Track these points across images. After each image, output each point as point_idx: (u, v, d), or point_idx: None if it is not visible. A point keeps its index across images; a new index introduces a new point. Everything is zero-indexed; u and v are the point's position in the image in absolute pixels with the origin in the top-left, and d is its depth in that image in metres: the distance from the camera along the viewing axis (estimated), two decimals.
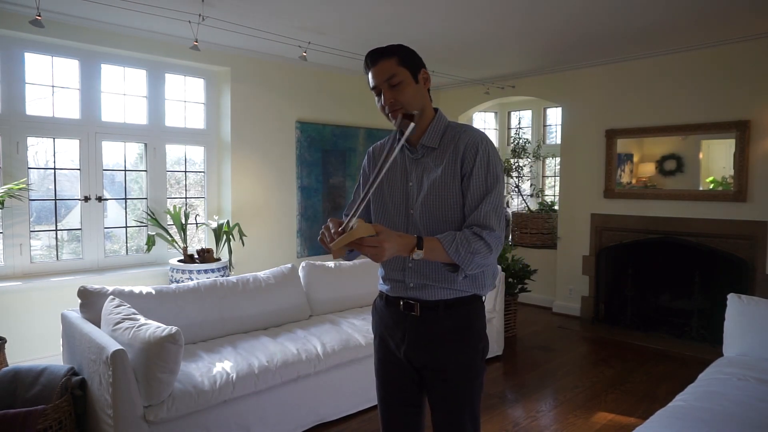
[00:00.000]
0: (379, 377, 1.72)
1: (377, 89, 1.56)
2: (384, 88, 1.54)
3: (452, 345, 1.56)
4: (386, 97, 1.54)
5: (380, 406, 1.73)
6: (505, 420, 3.16)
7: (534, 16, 3.76)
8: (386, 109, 1.56)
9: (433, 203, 1.56)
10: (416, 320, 1.57)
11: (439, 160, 1.58)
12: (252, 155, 4.85)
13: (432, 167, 1.58)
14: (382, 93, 1.55)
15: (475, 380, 1.59)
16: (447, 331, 1.55)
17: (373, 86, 1.57)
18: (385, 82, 1.53)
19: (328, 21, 3.88)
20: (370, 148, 1.80)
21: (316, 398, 2.97)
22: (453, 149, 1.56)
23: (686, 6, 3.53)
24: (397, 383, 1.67)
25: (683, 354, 4.35)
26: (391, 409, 1.70)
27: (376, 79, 1.54)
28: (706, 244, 4.53)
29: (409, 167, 1.63)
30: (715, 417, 2.07)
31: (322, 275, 3.77)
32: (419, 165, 1.61)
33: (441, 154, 1.58)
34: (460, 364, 1.57)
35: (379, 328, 1.70)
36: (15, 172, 3.74)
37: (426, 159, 1.60)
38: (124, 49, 4.11)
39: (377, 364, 1.73)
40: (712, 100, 4.46)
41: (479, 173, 1.52)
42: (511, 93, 5.84)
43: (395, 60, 1.54)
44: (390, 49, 1.56)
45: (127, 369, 2.30)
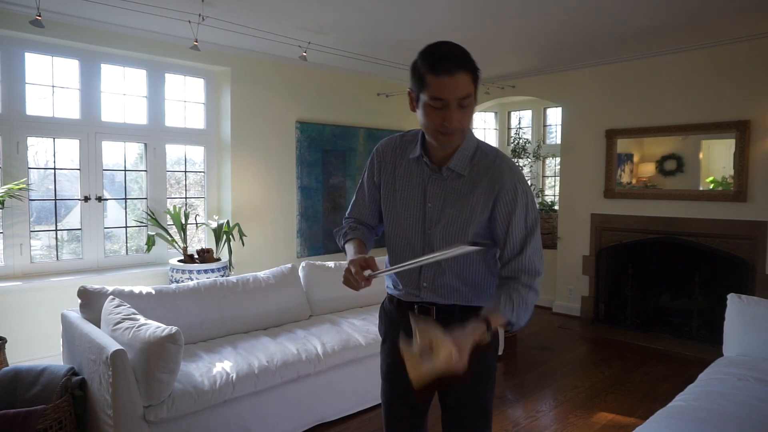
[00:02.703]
0: (388, 380, 1.69)
1: (442, 102, 1.33)
2: (454, 105, 1.33)
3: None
4: (455, 117, 1.34)
5: (386, 408, 1.71)
6: (505, 420, 3.16)
7: (534, 16, 3.76)
8: (444, 128, 1.36)
9: (457, 231, 1.49)
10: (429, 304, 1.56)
11: (468, 189, 1.47)
12: (252, 155, 4.85)
13: (458, 194, 1.48)
14: (450, 110, 1.33)
15: (489, 380, 1.61)
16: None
17: (439, 98, 1.32)
18: (458, 99, 1.33)
19: (328, 21, 3.88)
20: (379, 148, 1.63)
21: (316, 398, 2.97)
22: (487, 185, 1.46)
23: (686, 6, 3.53)
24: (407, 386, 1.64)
25: (683, 354, 4.35)
26: (399, 411, 1.68)
27: (451, 93, 1.31)
28: (706, 244, 4.53)
29: (428, 185, 1.50)
30: (715, 417, 2.07)
31: (322, 275, 3.77)
32: (442, 186, 1.50)
33: (471, 184, 1.48)
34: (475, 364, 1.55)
35: (390, 331, 1.66)
36: (15, 172, 3.74)
37: (451, 183, 1.49)
38: (124, 49, 4.11)
39: (387, 368, 1.68)
40: (712, 100, 4.46)
41: (520, 217, 1.45)
42: (511, 93, 5.84)
43: (471, 77, 1.35)
44: (470, 59, 1.34)
45: (127, 369, 2.30)
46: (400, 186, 1.55)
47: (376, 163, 1.61)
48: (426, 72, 1.34)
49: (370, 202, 1.64)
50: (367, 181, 1.65)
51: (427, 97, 1.35)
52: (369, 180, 1.64)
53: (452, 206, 1.48)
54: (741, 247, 4.35)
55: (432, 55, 1.36)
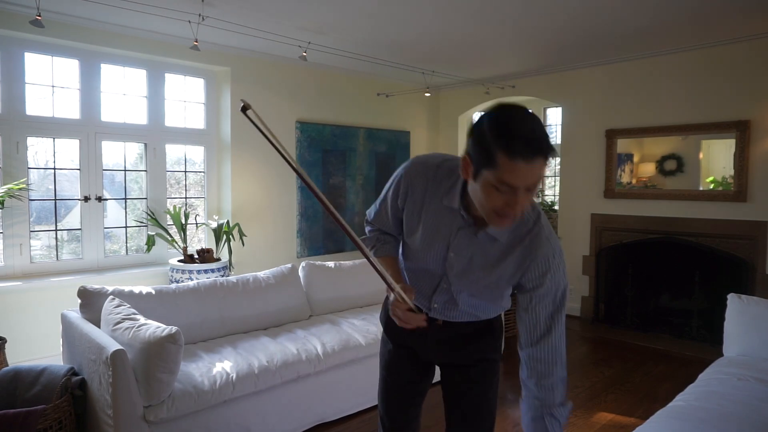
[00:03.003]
0: (388, 368, 1.71)
1: (510, 188, 1.16)
2: (522, 191, 1.18)
3: (476, 345, 1.58)
4: (522, 202, 1.20)
5: (387, 398, 1.72)
6: (505, 420, 3.16)
7: (534, 16, 3.76)
8: (504, 212, 1.22)
9: (480, 290, 1.45)
10: (439, 327, 1.56)
11: (499, 256, 1.38)
12: (252, 155, 4.85)
13: (487, 258, 1.39)
14: (518, 196, 1.18)
15: (495, 375, 1.64)
16: (471, 334, 1.58)
17: (509, 184, 1.15)
18: (527, 186, 1.17)
19: (328, 21, 3.88)
20: (411, 172, 1.45)
21: (316, 398, 2.97)
22: (520, 254, 1.37)
23: (686, 6, 3.53)
24: (410, 378, 1.68)
25: (683, 354, 4.35)
26: (400, 401, 1.71)
27: (523, 180, 1.15)
28: (706, 244, 4.53)
29: (457, 236, 1.39)
30: (715, 417, 2.07)
31: (322, 275, 3.77)
32: (471, 243, 1.38)
33: (504, 251, 1.38)
34: (482, 361, 1.60)
35: (395, 334, 1.65)
36: (15, 172, 3.74)
37: (483, 243, 1.38)
38: (124, 49, 4.11)
39: (392, 362, 1.70)
40: (712, 100, 4.46)
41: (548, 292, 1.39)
42: (511, 93, 5.84)
43: (547, 160, 1.17)
44: (549, 142, 1.16)
45: (127, 369, 2.30)
46: (425, 225, 1.43)
47: (402, 187, 1.46)
48: (498, 150, 1.13)
49: (393, 219, 1.55)
50: (391, 199, 1.51)
51: (493, 178, 1.16)
52: (393, 200, 1.50)
53: (480, 268, 1.40)
54: (741, 247, 4.35)
55: (508, 132, 1.14)
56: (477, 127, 1.20)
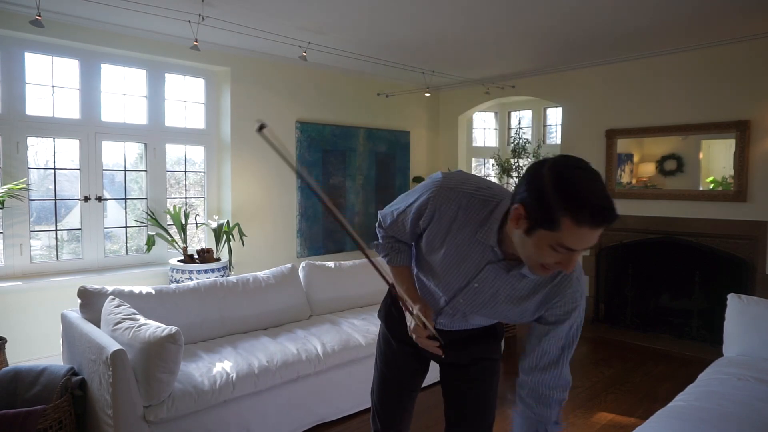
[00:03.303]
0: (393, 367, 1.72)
1: (567, 249, 1.14)
2: (577, 253, 1.17)
3: (478, 346, 1.62)
4: (574, 260, 1.19)
5: (385, 392, 1.74)
6: (506, 420, 3.16)
7: (534, 16, 3.76)
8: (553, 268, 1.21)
9: (503, 316, 1.46)
10: (445, 331, 1.56)
11: (527, 292, 1.36)
12: (252, 155, 4.85)
13: (514, 293, 1.36)
14: (572, 257, 1.17)
15: (495, 374, 1.68)
16: (474, 336, 1.61)
17: (569, 248, 1.13)
18: (587, 247, 1.17)
19: (328, 21, 3.88)
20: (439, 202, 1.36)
21: (316, 398, 2.97)
22: (549, 292, 1.35)
23: (686, 6, 3.53)
24: (411, 373, 1.72)
25: (683, 354, 4.35)
26: (400, 395, 1.73)
27: (585, 244, 1.14)
28: (706, 244, 4.53)
29: (485, 269, 1.35)
30: (715, 417, 2.07)
31: (322, 275, 3.77)
32: (499, 278, 1.35)
33: (533, 288, 1.36)
34: (483, 360, 1.64)
35: (398, 323, 1.63)
36: (15, 172, 3.74)
37: (512, 280, 1.35)
38: (124, 49, 4.11)
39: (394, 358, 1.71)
40: (712, 100, 4.46)
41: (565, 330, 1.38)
42: (511, 93, 5.84)
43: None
44: (615, 209, 1.12)
45: (127, 369, 2.30)
46: (448, 251, 1.37)
47: (428, 211, 1.37)
48: (564, 216, 1.08)
49: (410, 232, 1.49)
50: (412, 217, 1.44)
51: (552, 239, 1.12)
52: (414, 218, 1.43)
53: (504, 302, 1.37)
54: (741, 247, 4.35)
55: (577, 198, 1.08)
56: (537, 181, 1.13)
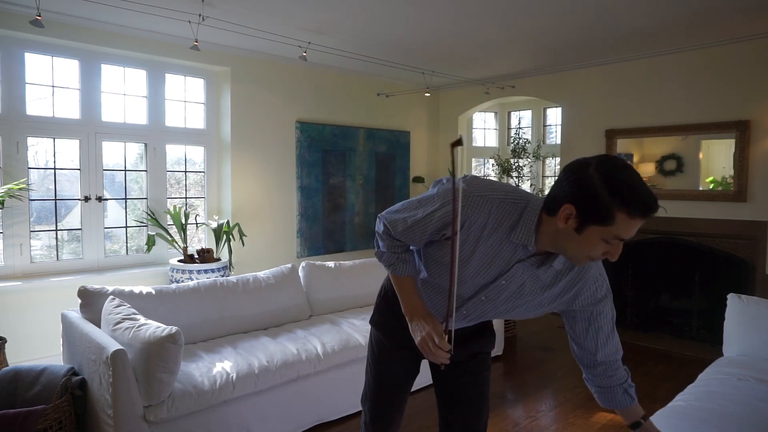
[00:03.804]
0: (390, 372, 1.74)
1: (619, 240, 1.23)
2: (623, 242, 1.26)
3: (476, 342, 1.68)
4: (620, 249, 1.26)
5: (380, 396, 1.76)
6: (505, 420, 3.16)
7: (534, 16, 3.76)
8: (598, 258, 1.30)
9: (518, 310, 1.49)
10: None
11: (552, 281, 1.42)
12: (252, 155, 4.85)
13: (540, 283, 1.42)
14: (619, 247, 1.26)
15: (489, 368, 1.74)
16: (472, 333, 1.66)
17: (621, 238, 1.23)
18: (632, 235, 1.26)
19: (328, 21, 3.88)
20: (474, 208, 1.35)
21: (316, 398, 2.97)
22: (573, 277, 1.42)
23: (686, 6, 3.53)
24: (406, 376, 1.75)
25: (683, 354, 4.35)
26: (394, 397, 1.76)
27: (634, 232, 1.24)
28: (706, 244, 4.53)
29: (513, 268, 1.40)
30: (715, 417, 2.07)
31: (322, 275, 3.77)
32: (526, 272, 1.40)
33: (557, 276, 1.42)
34: (479, 353, 1.70)
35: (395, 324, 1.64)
36: (15, 172, 3.74)
37: (539, 275, 1.41)
38: (124, 49, 4.11)
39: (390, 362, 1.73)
40: (712, 100, 4.46)
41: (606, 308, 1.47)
42: (511, 93, 5.84)
43: None
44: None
45: (127, 369, 2.30)
46: (480, 256, 1.39)
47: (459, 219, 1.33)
48: (619, 210, 1.18)
49: (427, 239, 1.48)
50: (436, 224, 1.41)
51: (606, 232, 1.21)
52: (439, 226, 1.41)
53: (530, 293, 1.43)
54: (741, 247, 4.35)
55: (631, 194, 1.18)
56: (585, 180, 1.21)
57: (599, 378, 1.52)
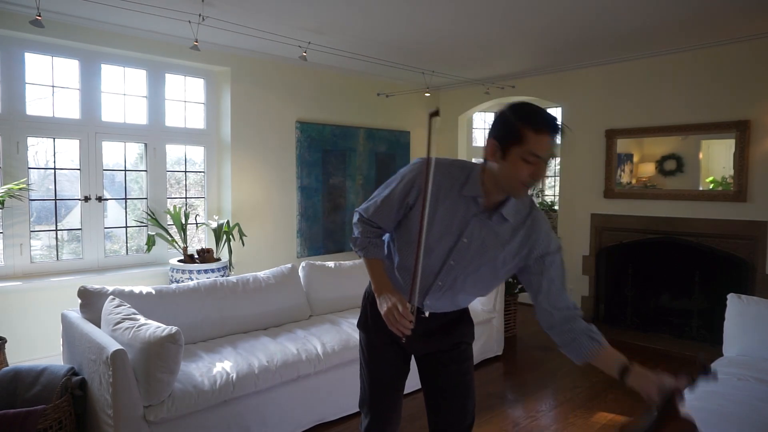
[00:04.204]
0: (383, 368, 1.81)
1: (537, 159, 1.43)
2: (544, 161, 1.46)
3: (457, 331, 1.77)
4: (543, 170, 1.47)
5: (378, 392, 1.82)
6: (505, 420, 3.16)
7: (534, 16, 3.76)
8: (529, 182, 1.47)
9: (486, 271, 1.62)
10: (426, 320, 1.69)
11: (509, 236, 1.58)
12: (252, 155, 4.85)
13: (498, 239, 1.58)
14: (540, 165, 1.45)
15: (471, 357, 1.83)
16: (451, 321, 1.76)
17: (536, 155, 1.43)
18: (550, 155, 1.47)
19: (328, 21, 3.88)
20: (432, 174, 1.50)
21: (316, 398, 2.97)
22: (524, 233, 1.59)
23: (686, 6, 3.53)
24: (400, 369, 1.82)
25: (683, 354, 4.35)
26: (391, 391, 1.83)
27: (547, 150, 1.45)
28: (706, 244, 4.53)
29: (470, 223, 1.57)
30: (715, 417, 2.08)
31: (322, 275, 3.77)
32: (484, 228, 1.58)
33: (512, 231, 1.59)
34: (461, 343, 1.79)
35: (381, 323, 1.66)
36: (15, 172, 3.74)
37: (494, 226, 1.57)
38: (124, 49, 4.11)
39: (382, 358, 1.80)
40: (712, 100, 4.46)
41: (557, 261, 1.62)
42: (511, 93, 5.83)
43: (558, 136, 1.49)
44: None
45: (127, 369, 2.30)
46: (440, 218, 1.57)
47: (415, 188, 1.59)
48: (525, 128, 1.41)
49: (395, 215, 1.66)
50: (399, 195, 1.63)
51: (523, 151, 1.42)
52: (402, 196, 1.62)
53: (489, 250, 1.58)
54: (741, 247, 4.35)
55: (533, 114, 1.44)
56: (501, 117, 1.49)
57: (563, 332, 1.58)
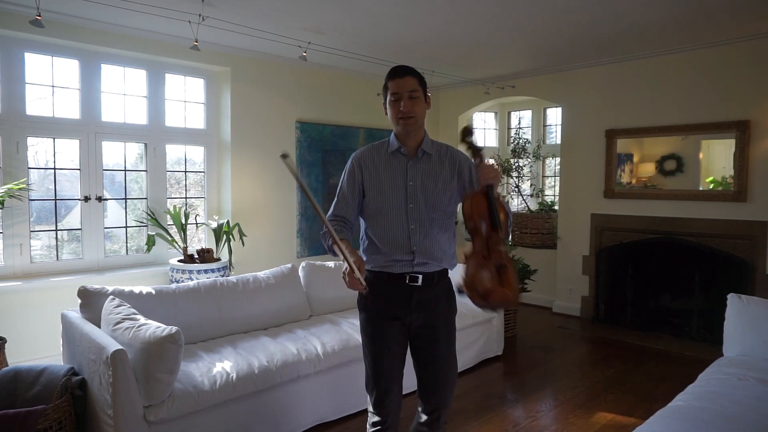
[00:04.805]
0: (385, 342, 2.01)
1: (397, 96, 1.93)
2: (405, 97, 1.92)
3: (445, 302, 2.05)
4: (406, 104, 1.92)
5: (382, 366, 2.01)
6: (505, 420, 3.16)
7: (534, 16, 3.76)
8: (401, 114, 1.92)
9: (436, 197, 1.98)
10: (420, 288, 1.98)
11: (438, 167, 2.02)
12: (252, 155, 4.85)
13: (432, 172, 2.01)
14: (402, 101, 1.92)
15: (455, 331, 2.11)
16: (441, 293, 2.04)
17: (394, 92, 1.93)
18: (407, 92, 1.92)
19: (328, 21, 3.88)
20: (356, 156, 2.07)
21: (316, 398, 2.97)
22: (449, 162, 2.03)
23: (686, 6, 3.53)
24: (400, 342, 2.03)
25: (683, 354, 4.35)
26: (392, 366, 2.02)
27: (401, 88, 1.92)
28: (706, 244, 4.53)
29: (408, 169, 2.00)
30: (715, 417, 2.08)
31: (322, 275, 3.77)
32: (418, 168, 2.00)
33: (439, 163, 2.02)
34: (448, 319, 2.07)
35: (381, 302, 2.00)
36: (15, 172, 3.74)
37: (424, 164, 2.01)
38: (124, 49, 4.11)
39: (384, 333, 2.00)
40: (712, 100, 4.46)
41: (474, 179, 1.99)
42: (511, 93, 5.84)
43: (417, 80, 1.94)
44: (413, 69, 1.97)
45: (127, 369, 2.30)
46: (385, 176, 2.01)
47: (356, 167, 2.05)
48: (386, 80, 1.98)
49: (351, 199, 2.03)
50: (347, 182, 2.05)
51: (389, 95, 1.97)
52: (350, 181, 2.05)
53: (429, 181, 1.99)
54: (741, 247, 4.35)
55: (390, 71, 2.00)
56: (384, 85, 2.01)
57: None
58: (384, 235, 1.99)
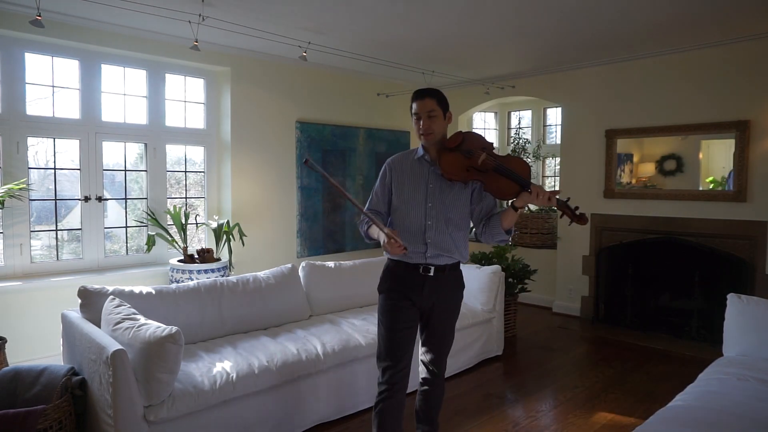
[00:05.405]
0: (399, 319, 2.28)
1: (418, 115, 2.23)
2: (424, 117, 2.22)
3: (452, 292, 2.38)
4: (425, 123, 2.23)
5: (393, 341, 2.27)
6: (505, 420, 3.16)
7: (534, 16, 3.76)
8: (421, 130, 2.25)
9: (451, 200, 2.29)
10: (432, 278, 2.28)
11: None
12: (252, 155, 4.85)
13: (447, 182, 2.29)
14: (422, 120, 2.23)
15: (458, 311, 2.45)
16: (449, 283, 2.35)
17: (416, 112, 2.24)
18: (426, 113, 2.22)
19: (328, 21, 3.88)
20: (390, 161, 2.41)
21: (316, 398, 2.97)
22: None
23: (687, 6, 3.53)
24: (412, 319, 2.32)
25: (683, 354, 4.35)
26: (402, 340, 2.28)
27: (421, 109, 2.22)
28: (706, 244, 4.53)
29: (429, 175, 2.31)
30: (715, 417, 2.08)
31: (322, 275, 3.77)
32: (438, 176, 2.29)
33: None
34: (455, 304, 2.42)
35: (397, 285, 2.31)
36: (15, 172, 3.74)
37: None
38: (124, 49, 4.11)
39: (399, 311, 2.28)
40: (712, 100, 4.46)
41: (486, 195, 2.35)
42: (511, 93, 5.84)
43: (435, 100, 2.23)
44: (433, 91, 2.26)
45: (127, 369, 2.30)
46: (410, 177, 2.34)
47: (388, 171, 2.39)
48: (411, 101, 2.29)
49: (382, 196, 2.39)
50: (379, 182, 2.42)
51: (412, 114, 2.28)
52: (382, 182, 2.41)
53: (446, 185, 2.29)
54: (741, 247, 4.35)
55: (413, 93, 2.29)
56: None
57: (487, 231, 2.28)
58: (403, 226, 2.30)
